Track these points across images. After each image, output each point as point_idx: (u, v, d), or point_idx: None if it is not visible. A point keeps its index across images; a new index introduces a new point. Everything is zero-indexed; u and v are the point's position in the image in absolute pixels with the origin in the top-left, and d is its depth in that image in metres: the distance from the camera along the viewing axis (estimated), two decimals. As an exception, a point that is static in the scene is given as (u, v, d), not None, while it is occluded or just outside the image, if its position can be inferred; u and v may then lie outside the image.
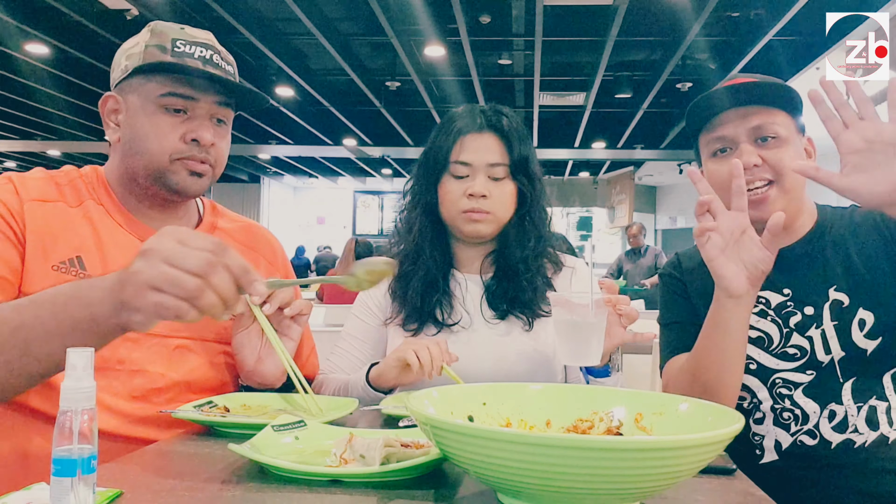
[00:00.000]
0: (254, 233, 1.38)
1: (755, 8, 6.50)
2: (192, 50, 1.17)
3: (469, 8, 6.35)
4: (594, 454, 0.59)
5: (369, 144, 12.01)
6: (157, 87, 1.15)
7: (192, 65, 1.16)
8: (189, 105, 1.16)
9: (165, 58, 1.15)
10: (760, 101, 1.24)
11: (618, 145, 11.70)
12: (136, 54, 1.17)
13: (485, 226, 1.40)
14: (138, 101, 1.17)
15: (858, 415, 1.21)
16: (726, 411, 0.75)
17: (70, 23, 6.88)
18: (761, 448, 1.26)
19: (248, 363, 1.17)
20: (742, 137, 1.25)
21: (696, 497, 0.77)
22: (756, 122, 1.24)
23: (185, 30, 1.20)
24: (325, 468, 0.79)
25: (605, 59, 7.36)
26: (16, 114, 10.59)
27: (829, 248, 1.28)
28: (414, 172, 1.50)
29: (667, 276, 1.45)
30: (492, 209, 1.39)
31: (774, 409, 1.26)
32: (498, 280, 1.44)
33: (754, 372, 1.27)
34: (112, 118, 1.21)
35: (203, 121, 1.17)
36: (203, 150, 1.17)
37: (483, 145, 1.40)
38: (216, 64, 1.19)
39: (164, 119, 1.15)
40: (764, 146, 1.24)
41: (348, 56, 7.84)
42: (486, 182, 1.39)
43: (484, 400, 0.86)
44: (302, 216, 18.13)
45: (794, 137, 1.26)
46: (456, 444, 0.65)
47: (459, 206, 1.39)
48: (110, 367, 1.09)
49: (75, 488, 0.58)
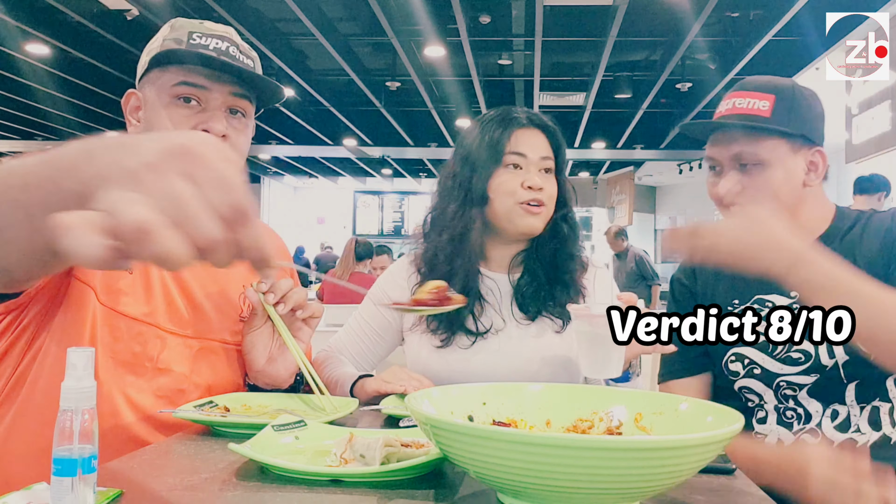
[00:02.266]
0: None
1: (755, 8, 6.50)
2: (207, 42, 1.16)
3: (469, 8, 6.35)
4: (594, 454, 0.59)
5: (369, 144, 12.00)
6: (171, 77, 1.13)
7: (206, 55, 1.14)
8: (202, 95, 1.14)
9: (180, 49, 1.15)
10: (746, 128, 1.25)
11: (618, 145, 11.70)
12: (155, 49, 1.17)
13: (540, 220, 1.40)
14: (154, 93, 1.15)
15: (861, 415, 1.21)
16: (726, 411, 0.75)
17: (70, 23, 6.89)
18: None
19: (258, 363, 1.17)
20: (725, 162, 1.28)
21: (696, 497, 0.77)
22: (737, 149, 1.26)
23: (204, 24, 1.19)
24: (325, 468, 0.79)
25: (604, 59, 7.35)
26: (16, 114, 10.59)
27: (841, 250, 1.26)
28: (450, 171, 1.46)
29: (676, 283, 1.45)
30: (546, 201, 1.40)
31: (778, 408, 1.26)
32: (531, 280, 1.43)
33: (759, 377, 1.28)
34: (134, 115, 1.20)
35: (216, 112, 1.14)
36: None
37: (535, 139, 1.42)
38: (232, 56, 1.17)
39: (177, 111, 1.13)
40: (746, 172, 1.26)
41: (348, 56, 7.83)
42: (540, 175, 1.40)
43: (484, 400, 0.86)
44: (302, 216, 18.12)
45: (783, 158, 1.25)
46: (456, 444, 0.65)
47: (517, 197, 1.38)
48: (139, 363, 1.09)
49: (76, 488, 0.58)
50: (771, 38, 6.42)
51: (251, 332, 1.17)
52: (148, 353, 1.09)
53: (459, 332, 1.38)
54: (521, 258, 1.45)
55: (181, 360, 1.13)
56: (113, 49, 7.46)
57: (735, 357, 1.30)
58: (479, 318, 1.39)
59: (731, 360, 1.30)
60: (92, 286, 1.05)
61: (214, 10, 6.28)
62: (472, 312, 1.39)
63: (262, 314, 1.16)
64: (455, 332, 1.38)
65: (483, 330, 1.38)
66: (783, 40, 6.76)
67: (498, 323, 1.40)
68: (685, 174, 13.17)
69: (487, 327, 1.39)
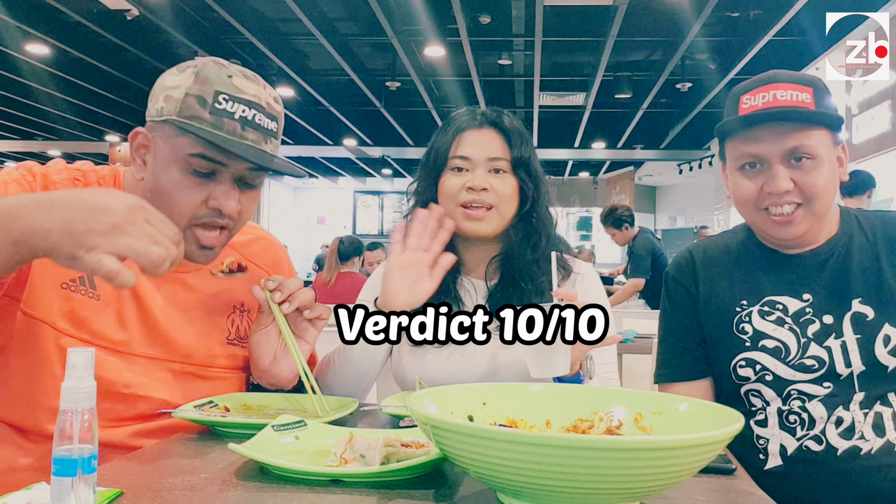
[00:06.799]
0: (254, 245, 1.35)
1: (755, 8, 6.51)
2: (233, 108, 1.07)
3: (469, 8, 6.35)
4: (594, 454, 0.59)
5: (369, 144, 12.01)
6: (188, 144, 1.06)
7: (230, 127, 1.07)
8: (218, 168, 1.08)
9: (203, 114, 1.06)
10: (801, 119, 1.19)
11: (618, 145, 11.69)
12: (175, 100, 1.07)
13: (486, 224, 1.35)
14: (167, 152, 1.09)
15: (865, 421, 1.18)
16: (726, 411, 0.74)
17: (70, 23, 6.89)
18: (766, 453, 1.23)
19: (262, 362, 1.17)
20: (776, 158, 1.19)
21: (696, 497, 0.77)
22: (793, 143, 1.18)
23: (232, 79, 1.09)
24: (326, 468, 0.79)
25: (604, 59, 7.35)
26: (16, 114, 10.59)
27: (856, 255, 1.24)
28: (416, 174, 1.48)
29: (672, 281, 1.38)
30: (494, 203, 1.34)
31: (781, 411, 1.23)
32: (503, 286, 1.39)
33: (770, 383, 1.23)
34: (140, 154, 1.13)
35: (229, 186, 1.10)
36: (224, 217, 1.11)
37: (482, 140, 1.38)
38: (257, 125, 1.09)
39: (189, 179, 1.08)
40: (797, 167, 1.19)
41: (348, 56, 7.84)
42: (486, 175, 1.35)
43: (484, 400, 0.86)
44: (302, 216, 18.12)
45: (829, 154, 1.21)
46: (456, 444, 0.65)
47: (458, 199, 1.35)
48: (115, 391, 1.07)
49: (76, 488, 0.58)
50: (771, 37, 6.42)
51: (257, 330, 1.17)
52: (123, 380, 1.08)
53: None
54: (498, 263, 1.42)
55: (160, 387, 1.12)
56: (113, 49, 7.47)
57: (745, 362, 1.25)
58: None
59: (741, 365, 1.25)
60: (47, 322, 1.05)
61: (214, 9, 6.28)
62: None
63: (268, 313, 1.15)
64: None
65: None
66: (783, 40, 6.77)
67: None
68: (685, 174, 13.18)
69: None
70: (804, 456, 1.20)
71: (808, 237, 1.26)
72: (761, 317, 1.26)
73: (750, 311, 1.27)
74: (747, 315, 1.27)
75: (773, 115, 1.19)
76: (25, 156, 14.40)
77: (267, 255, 1.36)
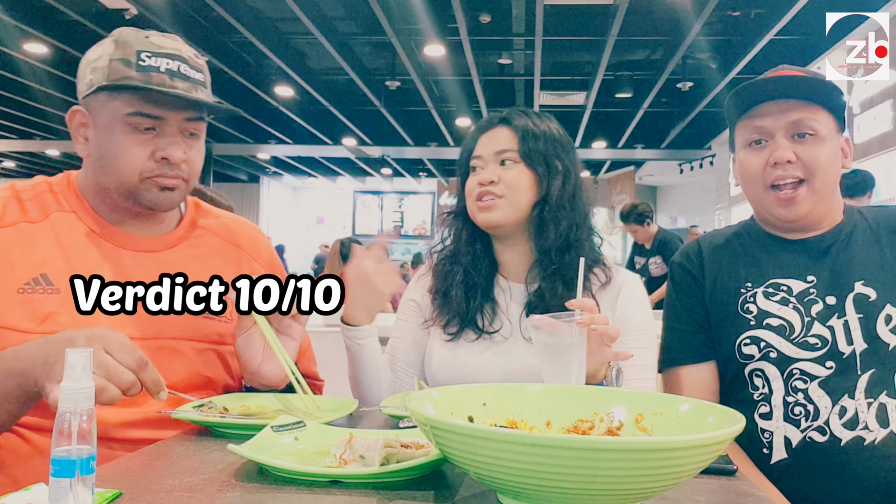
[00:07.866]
0: (236, 229, 1.36)
1: (756, 7, 6.51)
2: (157, 63, 1.13)
3: (469, 7, 6.35)
4: (594, 454, 0.59)
5: (369, 144, 12.01)
6: (124, 105, 1.11)
7: (158, 80, 1.12)
8: (157, 123, 1.13)
9: (130, 73, 1.11)
10: (802, 95, 1.24)
11: (618, 145, 11.71)
12: (101, 69, 1.13)
13: (495, 213, 1.35)
14: (105, 118, 1.13)
15: (868, 411, 1.20)
16: (727, 412, 0.74)
17: (69, 22, 6.89)
18: (770, 446, 1.25)
19: (251, 365, 1.17)
20: (779, 131, 1.25)
21: (697, 498, 0.76)
22: (795, 116, 1.24)
23: (150, 38, 1.15)
24: (325, 469, 0.79)
25: (605, 59, 7.36)
26: (15, 114, 10.60)
27: (859, 240, 1.29)
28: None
29: (678, 268, 1.40)
30: (503, 193, 1.36)
31: (787, 402, 1.24)
32: (541, 293, 1.36)
33: (774, 360, 1.26)
34: (80, 132, 1.18)
35: (173, 138, 1.14)
36: (174, 167, 1.15)
37: (493, 138, 1.40)
38: (184, 75, 1.15)
39: (132, 138, 1.12)
40: (800, 142, 1.24)
41: (348, 56, 7.84)
42: (495, 168, 1.38)
43: (484, 400, 0.85)
44: (302, 216, 18.14)
45: (832, 136, 1.26)
46: (456, 445, 0.65)
47: (473, 195, 1.38)
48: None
49: (74, 489, 0.58)
50: (771, 37, 6.43)
51: (241, 333, 1.17)
52: None
53: (468, 327, 1.39)
54: (539, 268, 1.39)
55: None
56: (113, 48, 7.46)
57: (750, 340, 1.28)
58: (487, 317, 1.40)
59: (745, 343, 1.28)
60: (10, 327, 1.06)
61: (214, 10, 6.28)
62: (480, 309, 1.40)
63: (249, 317, 1.15)
64: (464, 326, 1.40)
65: (491, 330, 1.38)
66: (784, 39, 6.77)
67: (506, 328, 1.39)
68: (686, 174, 13.18)
69: (497, 328, 1.39)
70: (808, 448, 1.22)
71: (812, 220, 1.29)
72: (766, 297, 1.29)
73: (755, 291, 1.30)
74: (752, 295, 1.30)
75: (779, 82, 1.25)
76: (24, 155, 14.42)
77: (247, 240, 1.37)
